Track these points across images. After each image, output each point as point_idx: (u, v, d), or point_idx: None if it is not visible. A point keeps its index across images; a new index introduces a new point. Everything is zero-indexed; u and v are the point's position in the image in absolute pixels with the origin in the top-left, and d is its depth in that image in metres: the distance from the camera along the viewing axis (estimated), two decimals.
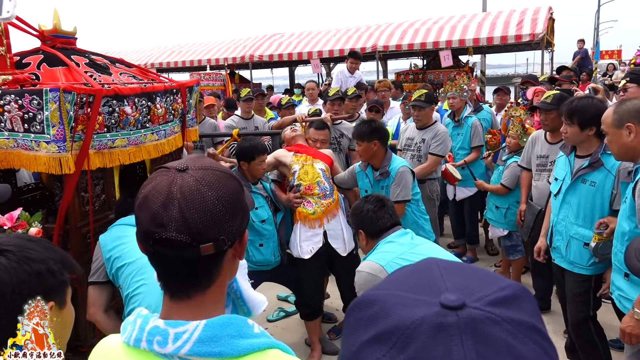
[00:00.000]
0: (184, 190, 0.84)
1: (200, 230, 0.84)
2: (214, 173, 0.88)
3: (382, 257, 2.29)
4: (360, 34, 12.17)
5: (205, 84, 9.88)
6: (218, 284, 0.91)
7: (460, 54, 11.84)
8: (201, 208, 0.84)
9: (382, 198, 2.56)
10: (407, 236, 2.45)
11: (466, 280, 0.56)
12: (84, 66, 2.56)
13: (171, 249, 0.84)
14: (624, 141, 2.36)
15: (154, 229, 0.84)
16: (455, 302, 0.51)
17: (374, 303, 0.55)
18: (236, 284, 1.21)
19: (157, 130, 2.77)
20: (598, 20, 26.89)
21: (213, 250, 0.86)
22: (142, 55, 15.14)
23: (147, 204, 0.85)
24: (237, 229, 0.90)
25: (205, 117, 5.81)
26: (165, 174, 0.88)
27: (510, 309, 0.52)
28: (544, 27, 9.76)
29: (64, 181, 2.33)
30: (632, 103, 2.39)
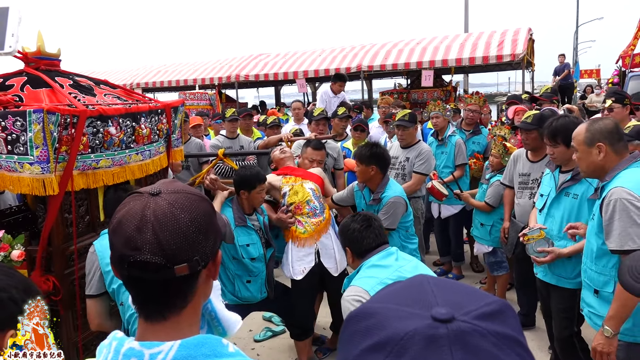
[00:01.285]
0: (158, 213, 0.86)
1: (174, 251, 0.86)
2: (186, 196, 0.90)
3: (367, 282, 2.29)
4: (345, 54, 12.32)
5: (191, 103, 9.90)
6: (193, 304, 0.93)
7: (443, 74, 12.03)
8: (175, 230, 0.86)
9: (369, 217, 2.56)
10: (392, 257, 2.44)
11: (454, 295, 0.60)
12: (68, 87, 2.56)
13: (146, 272, 0.86)
14: (593, 159, 2.42)
15: (129, 252, 0.86)
16: (445, 316, 0.55)
17: (371, 315, 0.60)
18: (210, 305, 1.21)
19: (142, 150, 2.77)
20: (577, 41, 27.56)
21: (187, 271, 0.88)
22: (128, 75, 15.14)
23: (121, 227, 0.87)
24: (211, 250, 0.92)
25: (191, 137, 5.81)
26: (138, 198, 0.90)
27: (496, 323, 0.56)
28: (524, 48, 9.98)
29: (47, 203, 2.32)
30: (604, 123, 2.45)
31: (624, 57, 10.14)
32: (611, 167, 2.40)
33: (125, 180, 2.68)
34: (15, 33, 2.28)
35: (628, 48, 10.21)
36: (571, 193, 2.92)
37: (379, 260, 2.41)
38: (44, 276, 2.37)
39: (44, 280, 2.37)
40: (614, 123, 2.47)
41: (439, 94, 11.21)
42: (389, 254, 2.46)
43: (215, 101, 10.44)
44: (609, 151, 2.38)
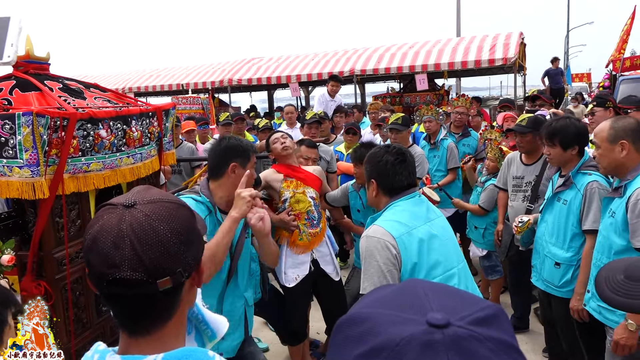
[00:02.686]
0: (135, 226, 0.82)
1: (156, 265, 0.82)
2: (163, 205, 0.86)
3: (395, 228, 2.05)
4: (338, 58, 12.35)
5: (183, 107, 9.88)
6: (178, 315, 0.90)
7: (435, 78, 12.08)
8: (154, 243, 0.82)
9: (404, 151, 2.24)
10: (423, 207, 2.20)
11: (449, 300, 0.60)
12: (58, 91, 2.54)
13: (127, 288, 0.82)
14: (615, 156, 2.44)
15: (107, 270, 0.81)
16: (441, 321, 0.55)
17: (364, 321, 0.58)
18: (197, 308, 1.20)
19: (133, 153, 2.75)
20: (567, 45, 27.77)
21: (170, 284, 0.84)
22: (120, 80, 15.10)
23: (96, 245, 0.83)
24: (193, 259, 0.88)
25: (183, 141, 5.79)
26: (112, 211, 0.85)
27: (491, 328, 0.56)
28: (515, 52, 10.05)
29: (38, 207, 2.29)
30: (629, 121, 2.48)
31: (614, 61, 10.22)
32: (633, 165, 2.42)
33: (116, 184, 2.66)
34: (15, 43, 2.27)
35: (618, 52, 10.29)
36: (562, 198, 2.92)
37: (412, 205, 2.16)
38: (35, 281, 2.34)
39: (35, 285, 2.34)
40: (636, 122, 2.50)
41: (431, 98, 11.26)
42: (421, 202, 2.22)
43: (208, 105, 10.42)
44: (631, 149, 2.40)
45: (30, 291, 2.28)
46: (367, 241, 2.05)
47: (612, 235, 2.43)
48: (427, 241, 2.06)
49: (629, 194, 2.36)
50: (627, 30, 10.31)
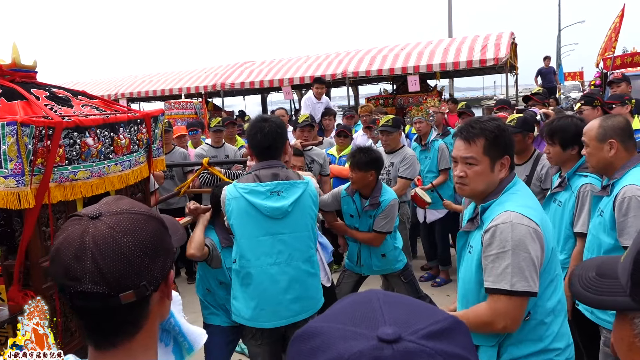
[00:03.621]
0: (97, 239, 0.81)
1: (118, 279, 0.81)
2: (130, 217, 0.85)
3: (532, 214, 1.83)
4: (330, 60, 12.36)
5: (176, 112, 9.86)
6: (146, 328, 0.88)
7: (428, 79, 12.12)
8: (116, 256, 0.81)
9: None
10: None
11: (404, 313, 0.59)
12: (44, 99, 2.53)
13: (89, 302, 0.81)
14: (603, 155, 2.45)
15: (69, 282, 0.81)
16: (391, 336, 0.54)
17: (316, 335, 0.58)
18: (174, 319, 1.19)
19: (121, 161, 2.74)
20: (559, 44, 27.93)
21: (134, 298, 0.83)
22: (112, 86, 15.05)
23: (59, 256, 0.82)
24: (160, 272, 0.87)
25: (174, 147, 5.78)
26: (77, 222, 0.84)
27: (443, 342, 0.55)
28: (506, 52, 10.08)
29: (24, 216, 2.28)
30: (618, 120, 2.49)
31: (605, 59, 10.28)
32: (620, 164, 2.43)
33: (105, 192, 2.65)
34: None
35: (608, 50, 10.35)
36: (557, 200, 2.91)
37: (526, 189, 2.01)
38: (22, 291, 2.33)
39: (22, 295, 2.32)
40: (625, 121, 2.52)
41: (424, 99, 11.28)
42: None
43: (202, 110, 10.41)
44: (620, 148, 2.42)
45: (17, 301, 2.27)
46: (513, 228, 1.78)
47: (601, 234, 2.44)
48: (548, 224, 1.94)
49: (616, 193, 2.37)
50: (616, 28, 10.37)
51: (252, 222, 2.57)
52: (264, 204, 2.55)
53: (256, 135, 2.63)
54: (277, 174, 2.60)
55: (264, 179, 2.58)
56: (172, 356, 1.21)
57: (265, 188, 2.56)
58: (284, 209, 2.56)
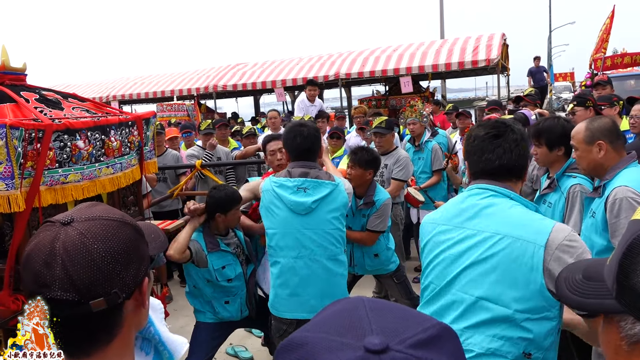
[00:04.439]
0: (67, 245, 0.80)
1: (88, 286, 0.80)
2: (102, 223, 0.84)
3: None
4: (322, 62, 12.35)
5: (168, 114, 9.83)
6: (121, 337, 0.87)
7: (420, 80, 12.14)
8: (86, 263, 0.80)
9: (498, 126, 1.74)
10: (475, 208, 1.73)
11: (391, 321, 0.58)
12: (34, 102, 2.51)
13: (59, 309, 0.80)
14: (593, 157, 2.47)
15: (38, 289, 0.80)
16: (378, 346, 0.53)
17: (301, 346, 0.57)
18: (154, 328, 1.18)
19: (113, 163, 2.72)
20: (550, 45, 28.10)
21: (105, 305, 0.82)
22: (104, 88, 14.97)
23: (29, 262, 0.81)
24: (133, 279, 0.86)
25: (167, 149, 5.76)
26: (49, 228, 0.84)
27: (432, 351, 0.54)
28: (498, 53, 10.12)
29: (14, 220, 2.26)
30: (604, 121, 2.51)
31: (595, 60, 10.36)
32: (611, 165, 2.44)
33: (96, 194, 2.63)
34: None
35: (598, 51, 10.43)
36: (547, 201, 2.91)
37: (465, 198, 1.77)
38: (12, 295, 2.30)
39: (13, 299, 2.30)
40: (612, 122, 2.54)
41: (417, 100, 11.30)
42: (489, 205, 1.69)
43: (194, 112, 10.38)
44: (609, 149, 2.43)
45: (8, 305, 2.24)
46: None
47: (593, 236, 2.45)
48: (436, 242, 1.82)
49: (607, 194, 2.38)
50: (607, 29, 10.44)
51: (279, 214, 2.76)
52: (289, 197, 2.73)
53: (295, 139, 2.80)
54: (307, 172, 2.78)
55: (294, 175, 2.77)
56: None
57: (293, 183, 2.74)
58: (307, 205, 2.71)
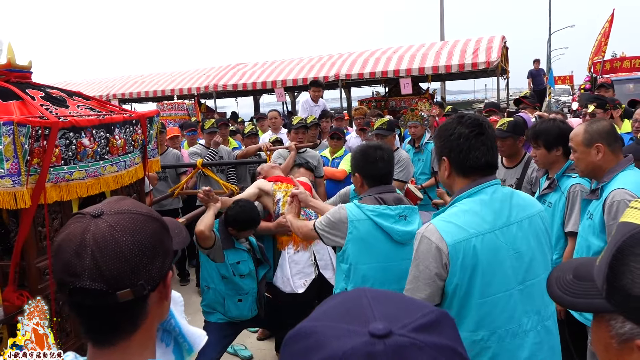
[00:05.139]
0: (97, 237, 0.83)
1: (116, 277, 0.82)
2: (130, 217, 0.87)
3: (451, 232, 1.72)
4: (323, 62, 12.38)
5: (168, 114, 9.83)
6: (145, 327, 0.89)
7: (420, 82, 12.18)
8: (115, 254, 0.82)
9: (481, 122, 1.83)
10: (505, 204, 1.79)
11: (392, 308, 0.61)
12: (40, 99, 2.53)
13: (87, 298, 0.82)
14: (591, 159, 2.49)
15: (68, 278, 0.82)
16: (382, 331, 0.56)
17: (309, 335, 0.60)
18: (174, 320, 1.20)
19: (117, 161, 2.74)
20: (550, 48, 28.17)
21: (132, 296, 0.84)
22: (104, 86, 14.98)
23: (60, 252, 0.84)
24: (158, 272, 0.88)
25: (168, 148, 5.77)
26: (79, 220, 0.86)
27: (433, 334, 0.58)
28: (498, 55, 10.16)
29: (19, 216, 2.28)
30: (602, 124, 2.54)
31: (594, 63, 10.40)
32: (608, 167, 2.47)
33: (100, 192, 2.65)
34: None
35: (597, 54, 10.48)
36: (547, 201, 2.95)
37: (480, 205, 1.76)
38: (17, 292, 2.32)
39: (18, 295, 2.32)
40: (610, 124, 2.57)
41: (416, 102, 11.34)
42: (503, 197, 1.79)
43: (194, 111, 10.39)
44: (607, 151, 2.46)
45: (12, 301, 2.26)
46: (421, 241, 1.78)
47: (591, 237, 2.48)
48: (491, 252, 1.73)
49: (605, 196, 2.41)
50: (606, 33, 10.49)
51: (378, 246, 2.43)
52: (395, 227, 2.43)
53: (376, 163, 2.56)
54: (401, 199, 2.57)
55: (389, 203, 2.48)
56: (172, 356, 1.22)
57: (395, 212, 2.46)
58: (413, 233, 2.29)
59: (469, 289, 1.73)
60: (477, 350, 1.75)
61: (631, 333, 0.78)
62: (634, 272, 0.76)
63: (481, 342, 1.75)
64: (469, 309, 1.74)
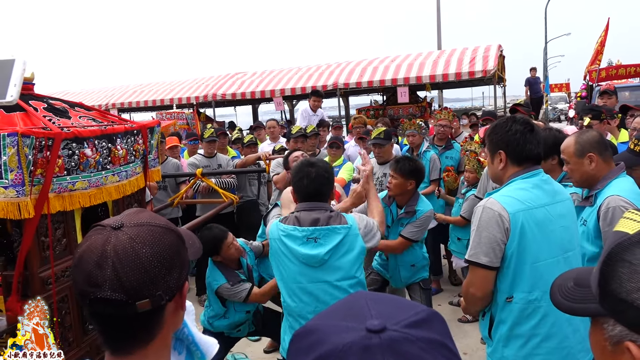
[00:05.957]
0: (118, 248, 0.85)
1: (135, 287, 0.85)
2: (149, 229, 0.89)
3: (511, 203, 2.08)
4: (321, 71, 12.45)
5: (167, 123, 9.87)
6: (161, 337, 0.92)
7: (418, 90, 12.25)
8: (135, 266, 0.85)
9: (531, 122, 2.26)
10: (550, 187, 2.19)
11: (387, 307, 0.68)
12: (43, 111, 2.55)
13: (107, 308, 0.85)
14: (585, 169, 2.53)
15: (89, 288, 0.85)
16: (378, 327, 0.63)
17: (312, 332, 0.66)
18: (187, 329, 1.22)
19: (119, 171, 2.77)
20: (546, 56, 28.36)
21: (150, 306, 0.86)
22: (103, 96, 15.02)
23: (81, 263, 0.86)
24: (175, 283, 0.90)
25: (167, 157, 5.80)
26: (100, 232, 0.89)
27: (423, 330, 0.64)
28: (494, 64, 10.24)
29: (23, 226, 2.30)
30: (592, 134, 2.59)
31: (590, 72, 10.48)
32: (602, 175, 2.51)
33: (102, 202, 2.67)
34: (18, 84, 2.31)
35: (593, 63, 10.56)
36: None
37: (531, 186, 2.14)
38: (20, 301, 2.34)
39: (21, 305, 2.33)
40: (599, 134, 2.62)
41: (414, 110, 11.40)
42: (544, 182, 2.19)
43: (193, 120, 10.43)
44: (599, 160, 2.50)
45: (16, 311, 2.27)
46: (483, 211, 2.10)
47: (585, 243, 2.52)
48: (542, 224, 2.08)
49: (599, 203, 2.45)
50: (602, 41, 10.58)
51: (291, 266, 2.50)
52: (300, 250, 2.46)
53: (302, 180, 2.55)
54: (318, 219, 2.49)
55: (304, 223, 2.48)
56: None
57: (302, 234, 2.45)
58: (319, 257, 2.44)
59: (524, 254, 2.06)
60: (532, 310, 2.08)
61: (621, 335, 0.83)
62: (622, 276, 0.80)
63: (535, 302, 2.07)
64: (524, 271, 2.07)
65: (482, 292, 2.15)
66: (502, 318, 2.15)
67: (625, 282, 0.79)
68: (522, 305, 2.09)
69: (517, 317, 2.11)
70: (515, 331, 2.13)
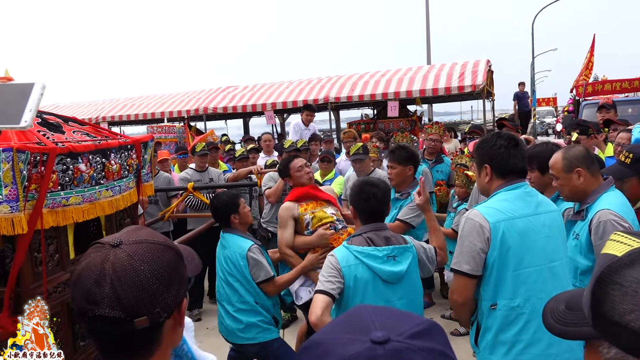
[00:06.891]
0: (116, 266, 0.86)
1: (134, 305, 0.85)
2: (148, 246, 0.90)
3: (492, 214, 2.20)
4: (312, 85, 12.53)
5: (158, 136, 9.86)
6: (159, 354, 0.92)
7: (408, 104, 12.36)
8: (133, 283, 0.85)
9: (515, 137, 2.38)
10: (533, 199, 2.30)
11: (390, 319, 0.71)
12: (37, 126, 2.56)
13: (106, 325, 0.85)
14: (574, 184, 2.58)
15: (88, 306, 0.85)
16: (382, 338, 0.65)
17: (318, 345, 0.69)
18: (186, 346, 1.23)
19: (112, 186, 2.77)
20: (533, 71, 28.73)
21: (148, 324, 0.87)
22: (94, 109, 14.97)
23: (80, 281, 0.87)
24: (174, 300, 0.91)
25: (159, 171, 5.80)
26: (99, 249, 0.89)
27: (425, 340, 0.67)
28: (483, 79, 10.38)
29: (16, 242, 2.29)
30: (579, 149, 2.64)
31: (577, 86, 10.65)
32: (591, 189, 2.56)
33: (95, 217, 2.67)
34: (34, 109, 2.31)
35: (580, 77, 10.74)
36: None
37: (520, 196, 2.27)
38: (12, 317, 2.32)
39: (12, 322, 2.31)
40: (585, 149, 2.67)
41: (404, 124, 11.49)
42: (532, 194, 2.32)
43: (184, 134, 10.43)
44: (587, 175, 2.55)
45: (7, 328, 2.25)
46: (465, 222, 2.25)
47: (578, 257, 2.55)
48: (524, 233, 2.18)
49: (590, 217, 2.49)
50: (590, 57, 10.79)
51: (370, 288, 2.47)
52: (383, 268, 2.46)
53: (369, 201, 2.59)
54: (389, 238, 2.55)
55: (378, 243, 2.51)
56: None
57: (383, 253, 2.48)
58: (402, 274, 2.49)
59: (506, 262, 2.16)
60: (515, 316, 2.16)
61: (617, 358, 0.83)
62: (614, 299, 0.80)
63: (517, 309, 2.15)
64: (506, 278, 2.16)
65: (462, 298, 2.26)
66: (488, 325, 2.23)
67: (617, 304, 0.80)
68: (505, 312, 2.18)
69: (501, 324, 2.20)
70: (499, 338, 2.20)
